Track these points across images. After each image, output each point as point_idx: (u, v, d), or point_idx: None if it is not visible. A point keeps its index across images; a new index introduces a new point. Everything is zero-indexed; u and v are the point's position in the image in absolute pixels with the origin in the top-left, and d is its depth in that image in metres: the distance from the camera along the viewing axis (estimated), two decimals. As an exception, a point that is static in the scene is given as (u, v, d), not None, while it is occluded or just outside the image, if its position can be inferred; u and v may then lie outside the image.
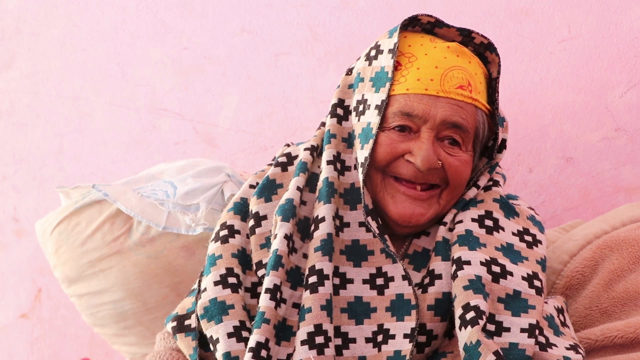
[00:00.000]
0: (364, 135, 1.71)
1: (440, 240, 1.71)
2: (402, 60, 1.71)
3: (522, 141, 2.33)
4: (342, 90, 1.80)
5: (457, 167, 1.70)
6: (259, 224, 1.74)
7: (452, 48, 1.71)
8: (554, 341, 1.63)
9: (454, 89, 1.68)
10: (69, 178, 2.64)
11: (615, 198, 2.28)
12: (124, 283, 2.13)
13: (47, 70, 2.65)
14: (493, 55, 1.77)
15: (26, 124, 2.68)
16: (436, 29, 1.78)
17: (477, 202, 1.75)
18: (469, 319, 1.56)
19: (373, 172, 1.71)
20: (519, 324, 1.60)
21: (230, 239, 1.75)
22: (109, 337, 2.25)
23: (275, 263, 1.65)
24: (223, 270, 1.71)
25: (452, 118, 1.68)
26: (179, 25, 2.55)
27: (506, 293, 1.64)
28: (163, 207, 2.11)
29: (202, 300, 1.69)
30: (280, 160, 1.82)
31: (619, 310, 1.81)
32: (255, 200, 1.76)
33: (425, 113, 1.67)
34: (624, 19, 2.23)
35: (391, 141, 1.68)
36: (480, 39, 1.76)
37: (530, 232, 1.76)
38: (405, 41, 1.74)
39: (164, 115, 2.58)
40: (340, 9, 2.42)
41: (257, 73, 2.51)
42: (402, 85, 1.69)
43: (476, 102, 1.71)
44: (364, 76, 1.76)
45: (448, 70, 1.68)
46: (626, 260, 1.86)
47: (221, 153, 2.54)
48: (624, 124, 2.26)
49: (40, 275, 2.71)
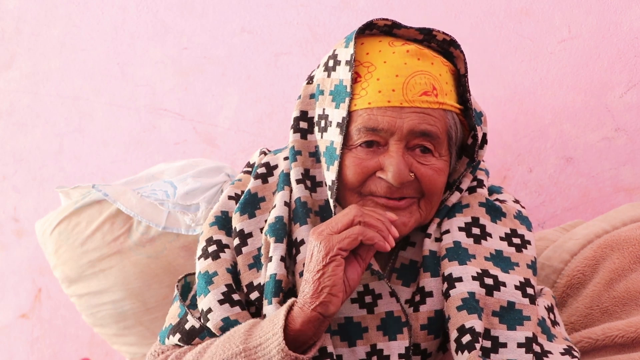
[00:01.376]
0: (328, 155, 1.64)
1: (427, 254, 1.66)
2: (361, 71, 1.62)
3: (522, 141, 2.33)
4: (303, 102, 1.71)
5: (430, 176, 1.62)
6: (245, 242, 1.68)
7: (412, 51, 1.62)
8: (549, 348, 1.61)
9: (418, 97, 1.59)
10: (69, 178, 2.64)
11: (615, 198, 2.28)
12: (124, 283, 2.13)
13: (47, 70, 2.65)
14: (457, 51, 1.67)
15: (26, 124, 2.68)
16: (394, 29, 1.68)
17: (463, 207, 1.70)
18: (465, 343, 1.54)
19: (347, 194, 1.64)
20: (515, 338, 1.57)
21: (221, 254, 1.69)
22: (109, 337, 2.25)
23: (276, 290, 1.60)
24: (224, 288, 1.65)
25: (420, 127, 1.60)
26: (179, 25, 2.55)
27: (500, 305, 1.60)
28: (163, 207, 2.11)
29: (214, 322, 1.62)
30: (259, 171, 1.74)
31: (620, 309, 1.81)
32: (238, 217, 1.70)
33: (391, 125, 1.59)
34: (624, 19, 2.23)
35: (359, 160, 1.61)
36: (442, 36, 1.67)
37: (518, 233, 1.71)
38: (363, 48, 1.64)
39: (164, 115, 2.58)
40: (340, 9, 2.42)
41: (257, 73, 2.51)
42: (363, 99, 1.60)
43: (443, 105, 1.62)
44: (323, 88, 1.67)
45: (410, 78, 1.60)
46: (627, 259, 1.86)
47: (221, 153, 2.54)
48: (624, 124, 2.26)
49: (40, 275, 2.71)
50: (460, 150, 1.73)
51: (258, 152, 1.83)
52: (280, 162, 1.74)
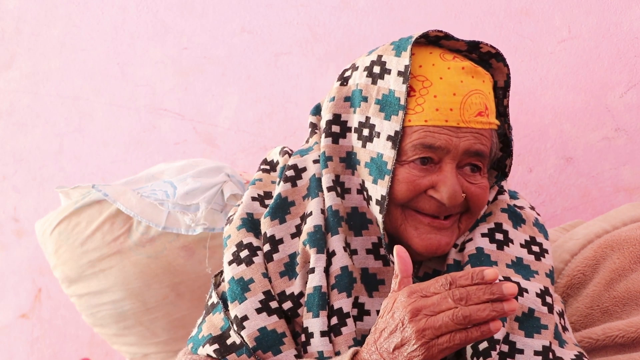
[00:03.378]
0: (375, 167, 1.61)
1: (451, 263, 1.64)
2: (416, 86, 1.60)
3: (522, 141, 2.33)
4: (337, 104, 1.68)
5: (479, 195, 1.62)
6: (276, 249, 1.65)
7: (467, 69, 1.61)
8: (560, 354, 1.60)
9: (474, 117, 1.59)
10: (69, 178, 2.64)
11: (615, 198, 2.28)
12: (124, 283, 2.13)
13: (47, 70, 2.65)
14: (499, 64, 1.68)
15: (26, 124, 2.68)
16: (442, 40, 1.66)
17: (486, 216, 1.70)
18: (482, 349, 1.53)
19: (392, 208, 1.60)
20: (532, 346, 1.56)
21: (255, 258, 1.64)
22: (109, 337, 2.25)
23: (322, 302, 1.57)
24: (261, 296, 1.61)
25: (474, 147, 1.60)
26: (179, 25, 2.55)
27: (522, 312, 1.59)
28: (163, 207, 2.11)
29: (249, 332, 1.59)
30: (288, 174, 1.70)
31: (620, 309, 1.81)
32: (269, 222, 1.66)
33: (448, 144, 1.58)
34: (624, 19, 2.23)
35: (413, 177, 1.59)
36: (487, 48, 1.67)
37: (537, 241, 1.71)
38: (415, 60, 1.62)
39: (164, 115, 2.58)
40: (340, 9, 2.42)
41: (257, 73, 2.51)
42: (420, 116, 1.58)
43: (492, 125, 1.63)
44: (367, 95, 1.64)
45: (466, 97, 1.59)
46: (627, 259, 1.86)
47: (221, 153, 2.54)
48: (624, 124, 2.26)
49: (40, 275, 2.71)
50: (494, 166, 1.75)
51: (277, 150, 1.80)
52: (309, 164, 1.70)
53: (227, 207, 2.13)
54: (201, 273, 2.13)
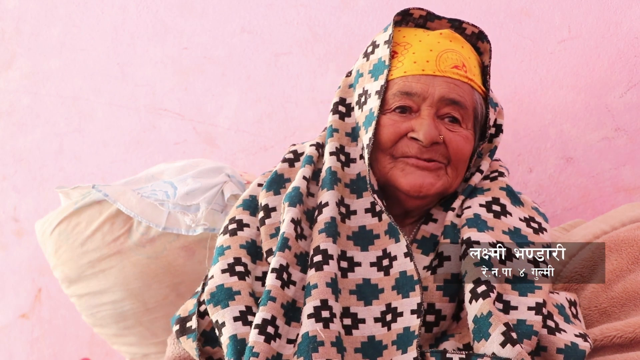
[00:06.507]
0: (367, 121, 1.76)
1: (448, 224, 1.75)
2: (398, 49, 1.78)
3: (522, 141, 2.33)
4: (342, 90, 1.86)
5: (457, 142, 1.74)
6: (269, 215, 1.79)
7: (445, 34, 1.78)
8: (564, 327, 1.65)
9: (450, 69, 1.74)
10: (69, 178, 2.64)
11: (615, 198, 2.28)
12: (124, 283, 2.13)
13: (47, 70, 2.65)
14: (485, 44, 1.83)
15: (26, 124, 2.68)
16: (428, 23, 1.84)
17: (484, 190, 1.80)
18: (480, 292, 1.59)
19: (380, 156, 1.75)
20: (526, 302, 1.63)
21: (239, 232, 1.78)
22: (109, 337, 2.25)
23: (282, 245, 1.69)
24: (231, 260, 1.74)
25: (450, 95, 1.73)
26: (179, 25, 2.55)
27: (513, 275, 1.66)
28: (163, 207, 2.11)
29: (209, 287, 1.72)
30: (287, 156, 1.87)
31: (618, 310, 1.81)
32: (264, 193, 1.81)
33: (424, 91, 1.73)
34: (624, 19, 2.23)
35: (393, 122, 1.73)
36: (471, 29, 1.83)
37: (535, 220, 1.80)
38: (400, 34, 1.80)
39: (164, 115, 2.58)
40: (340, 9, 2.42)
41: (257, 73, 2.51)
42: (400, 70, 1.75)
43: (471, 82, 1.76)
44: (362, 71, 1.81)
45: (442, 52, 1.75)
46: (625, 260, 1.85)
47: (221, 153, 2.54)
48: (624, 124, 2.26)
49: (40, 275, 2.71)
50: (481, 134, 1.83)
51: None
52: (306, 149, 1.85)
53: (227, 207, 2.13)
54: (201, 273, 2.13)
